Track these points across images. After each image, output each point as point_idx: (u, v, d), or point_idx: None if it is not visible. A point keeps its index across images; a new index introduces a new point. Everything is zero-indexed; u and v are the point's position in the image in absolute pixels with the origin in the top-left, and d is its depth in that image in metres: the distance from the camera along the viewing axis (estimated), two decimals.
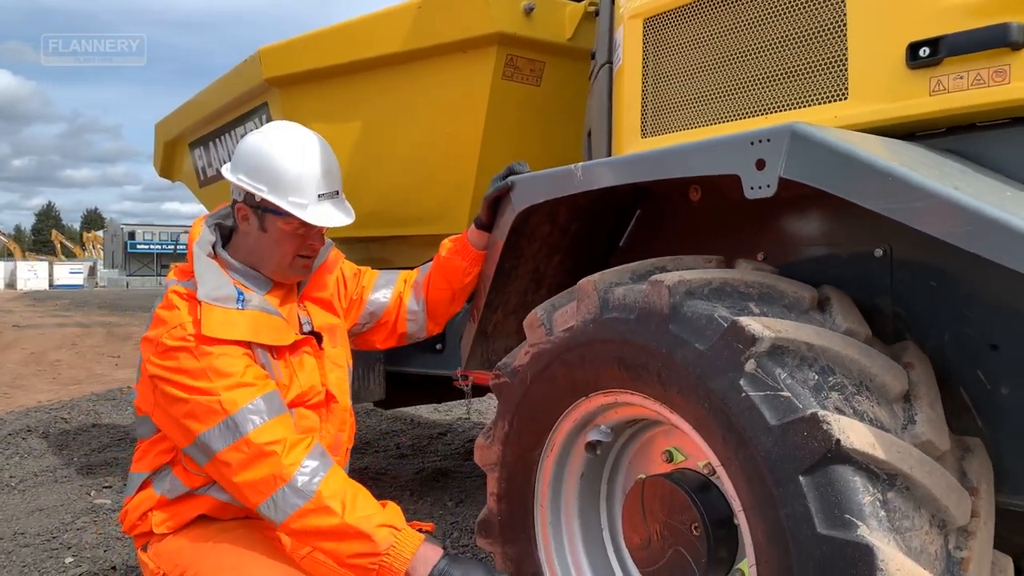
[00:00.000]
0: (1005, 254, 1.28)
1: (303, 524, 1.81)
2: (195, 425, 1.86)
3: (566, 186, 1.98)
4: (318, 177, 2.03)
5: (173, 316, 1.93)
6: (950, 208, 1.32)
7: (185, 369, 1.88)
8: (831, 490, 1.39)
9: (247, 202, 2.04)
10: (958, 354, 1.73)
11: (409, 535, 1.83)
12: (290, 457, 1.84)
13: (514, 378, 2.08)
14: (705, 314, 1.61)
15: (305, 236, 2.06)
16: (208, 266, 1.99)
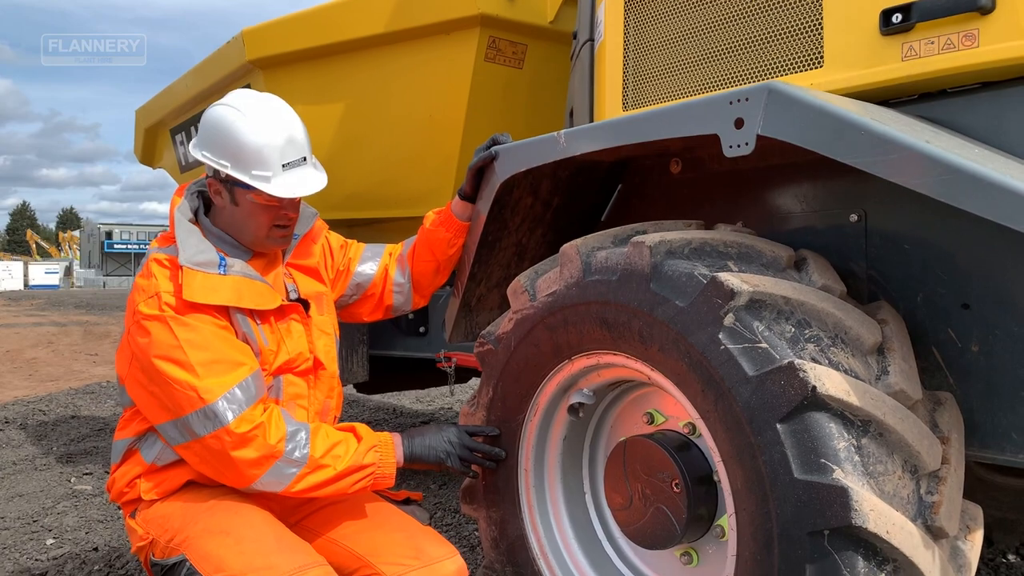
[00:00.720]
0: (977, 203, 1.33)
1: (304, 484, 1.92)
2: (175, 407, 1.89)
3: (549, 153, 2.02)
4: (280, 146, 1.98)
5: (150, 284, 1.94)
6: (924, 160, 1.36)
7: (159, 343, 1.88)
8: (807, 436, 1.44)
9: (216, 176, 2.02)
10: (931, 314, 1.78)
11: (385, 443, 2.03)
12: (274, 434, 1.89)
13: (498, 345, 2.10)
14: (685, 272, 1.65)
15: (278, 207, 2.03)
16: (189, 231, 2.00)
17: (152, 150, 5.01)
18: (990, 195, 1.30)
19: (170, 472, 2.03)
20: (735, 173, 2.16)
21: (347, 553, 2.04)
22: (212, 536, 1.91)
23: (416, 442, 2.07)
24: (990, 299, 1.70)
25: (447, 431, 2.10)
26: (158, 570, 1.98)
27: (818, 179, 1.98)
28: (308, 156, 2.05)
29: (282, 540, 1.94)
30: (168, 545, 1.95)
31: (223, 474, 1.92)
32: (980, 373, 1.70)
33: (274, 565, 1.82)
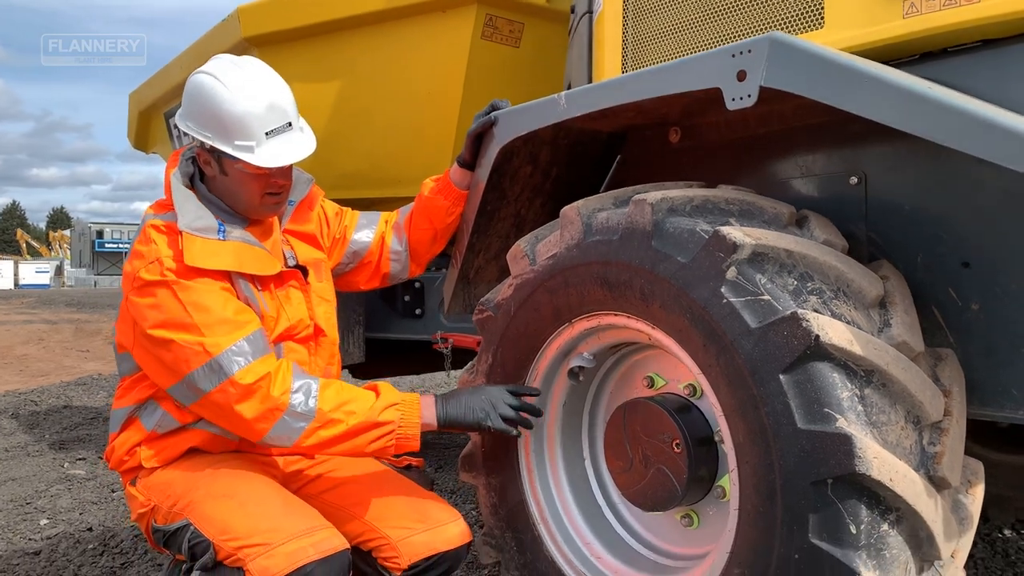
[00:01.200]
0: (981, 146, 1.33)
1: (314, 440, 1.87)
2: (180, 367, 1.86)
3: (550, 115, 2.01)
4: (262, 114, 1.92)
5: (150, 250, 1.92)
6: (927, 104, 1.37)
7: (162, 306, 1.87)
8: (810, 386, 1.43)
9: (203, 147, 1.98)
10: (931, 274, 1.78)
11: (409, 403, 1.93)
12: (278, 387, 1.85)
13: (497, 312, 2.10)
14: (687, 228, 1.65)
15: (268, 175, 1.98)
16: (186, 197, 1.98)
17: (146, 135, 4.98)
18: (993, 137, 1.30)
19: (171, 439, 2.02)
20: (734, 141, 2.15)
21: (351, 518, 2.04)
22: (216, 500, 1.90)
23: (451, 403, 1.97)
24: (990, 257, 1.70)
25: (486, 390, 2.00)
26: (160, 536, 1.97)
27: (817, 143, 1.98)
28: (293, 120, 2.00)
29: (288, 504, 1.93)
30: (171, 511, 1.94)
31: (235, 428, 1.90)
32: (980, 331, 1.70)
33: (280, 527, 1.81)
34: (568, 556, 1.99)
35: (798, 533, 1.44)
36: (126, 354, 2.05)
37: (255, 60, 2.02)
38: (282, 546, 1.77)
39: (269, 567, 1.74)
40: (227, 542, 1.81)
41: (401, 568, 2.00)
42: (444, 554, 2.03)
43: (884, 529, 1.41)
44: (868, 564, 1.39)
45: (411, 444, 1.93)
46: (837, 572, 1.39)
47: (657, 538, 2.00)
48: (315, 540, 1.81)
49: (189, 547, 1.87)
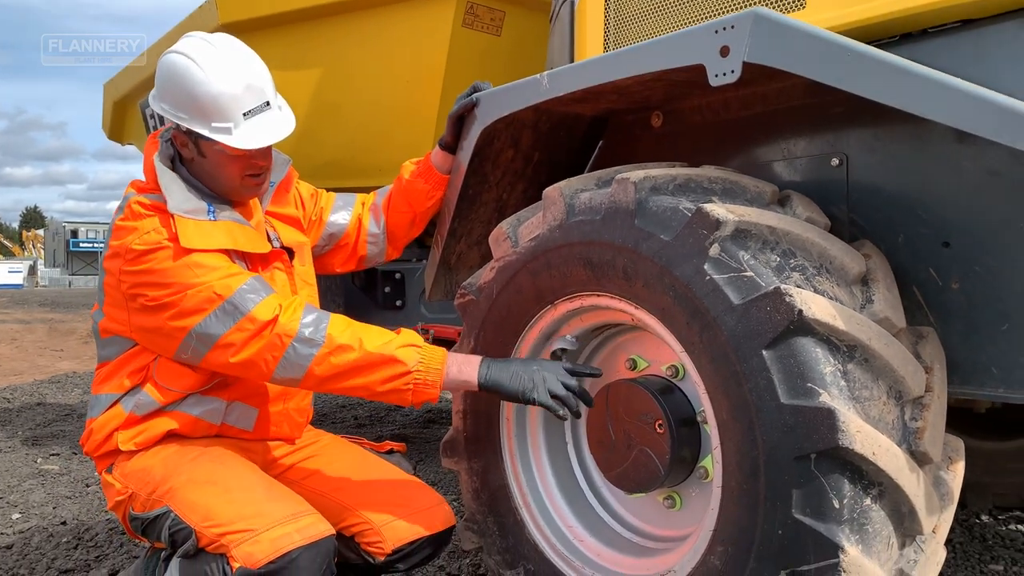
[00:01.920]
0: (964, 119, 1.34)
1: (325, 368, 1.80)
2: (188, 320, 1.82)
3: (532, 95, 2.00)
4: (239, 94, 1.87)
5: (143, 223, 1.87)
6: (910, 78, 1.37)
7: (163, 270, 1.83)
8: (794, 361, 1.43)
9: (179, 129, 1.93)
10: (911, 254, 1.79)
11: (433, 348, 1.85)
12: (287, 316, 1.82)
13: (479, 295, 2.08)
14: (670, 207, 1.64)
15: (246, 156, 1.93)
16: (172, 179, 1.94)
17: (121, 125, 4.91)
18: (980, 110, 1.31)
19: (151, 422, 1.97)
20: (716, 124, 2.15)
21: (334, 504, 2.01)
22: (198, 486, 1.86)
23: (497, 366, 1.84)
24: (970, 236, 1.70)
25: (540, 363, 1.88)
26: (138, 524, 1.93)
27: (799, 126, 1.98)
28: (271, 99, 1.96)
29: (272, 489, 1.90)
30: (150, 498, 1.90)
31: (246, 368, 1.85)
32: (960, 310, 1.71)
33: (265, 512, 1.78)
34: (551, 539, 1.98)
35: (781, 509, 1.44)
36: (112, 338, 2.00)
37: (229, 37, 1.97)
38: (267, 532, 1.74)
39: (253, 553, 1.71)
40: (209, 528, 1.77)
41: (385, 553, 1.98)
42: (428, 538, 2.01)
43: (867, 504, 1.41)
44: (851, 538, 1.39)
45: (430, 392, 1.82)
46: (820, 546, 1.39)
47: (640, 520, 2.00)
48: (300, 526, 1.78)
49: (170, 534, 1.84)
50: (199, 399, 1.99)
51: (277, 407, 2.11)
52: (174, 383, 1.95)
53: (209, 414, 2.00)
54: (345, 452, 2.21)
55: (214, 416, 2.01)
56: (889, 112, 1.78)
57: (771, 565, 1.45)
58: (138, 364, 1.98)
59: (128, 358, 1.99)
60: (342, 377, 1.82)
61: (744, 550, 1.50)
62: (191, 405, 1.98)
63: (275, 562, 1.71)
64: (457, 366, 1.85)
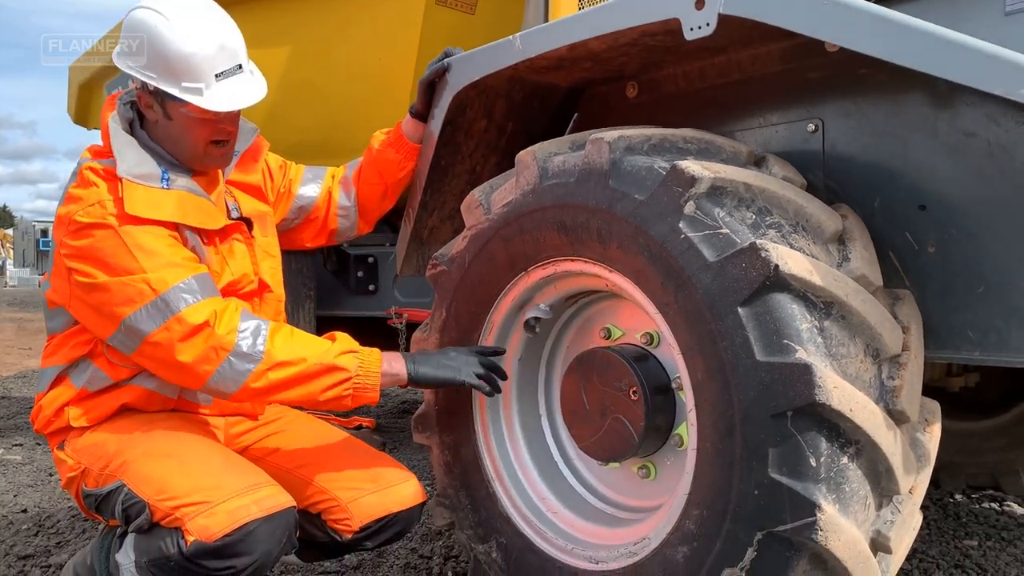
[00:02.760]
0: (946, 66, 1.32)
1: (262, 384, 1.75)
2: (121, 309, 1.74)
3: (506, 57, 1.96)
4: (212, 55, 1.81)
5: (90, 193, 1.80)
6: (895, 26, 1.35)
7: (102, 248, 1.76)
8: (770, 318, 1.41)
9: (144, 88, 1.86)
10: (888, 218, 1.77)
11: (369, 352, 1.84)
12: (223, 326, 1.74)
13: (451, 265, 2.04)
14: (644, 166, 1.61)
15: (215, 120, 1.86)
16: (127, 143, 1.86)
17: (87, 109, 4.79)
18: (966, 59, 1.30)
19: (103, 397, 1.90)
20: (692, 93, 2.12)
21: (299, 480, 1.95)
22: (153, 459, 1.79)
23: (421, 359, 1.88)
24: (946, 199, 1.69)
25: (454, 349, 1.93)
26: (91, 501, 1.86)
27: (775, 93, 1.95)
28: (244, 63, 1.89)
29: (229, 461, 1.84)
30: (103, 473, 1.83)
31: (178, 374, 1.78)
32: (936, 273, 1.69)
33: (222, 484, 1.72)
34: (524, 512, 1.94)
35: (757, 469, 1.41)
36: (58, 309, 1.93)
37: None
38: (223, 504, 1.68)
39: (209, 526, 1.65)
40: (163, 502, 1.71)
41: (352, 530, 1.92)
42: (397, 515, 1.96)
43: (844, 462, 1.39)
44: (828, 497, 1.36)
45: (369, 396, 1.82)
46: (797, 505, 1.36)
47: (614, 492, 1.96)
48: (258, 497, 1.72)
49: (123, 509, 1.76)
50: None
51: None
52: (126, 359, 1.87)
53: (165, 387, 1.92)
54: (311, 428, 2.15)
55: (170, 390, 1.94)
56: (865, 76, 1.77)
57: (747, 526, 1.42)
58: (86, 337, 1.90)
59: (76, 331, 1.91)
60: (281, 388, 1.77)
61: (720, 512, 1.47)
62: (145, 378, 1.90)
63: (231, 535, 1.65)
64: (388, 363, 1.84)
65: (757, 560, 1.42)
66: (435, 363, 1.88)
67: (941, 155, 1.69)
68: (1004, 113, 1.53)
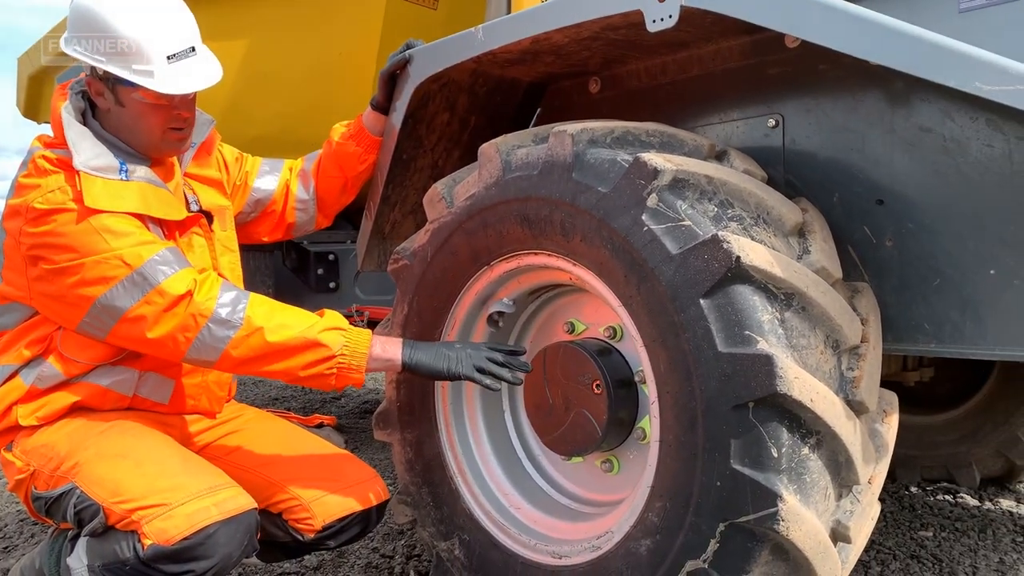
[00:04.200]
0: (906, 60, 1.34)
1: (243, 351, 1.70)
2: (92, 290, 1.69)
3: (467, 49, 1.94)
4: (162, 36, 1.75)
5: (48, 180, 1.73)
6: (847, 18, 1.36)
7: (67, 233, 1.69)
8: (731, 309, 1.41)
9: (93, 75, 1.80)
10: (846, 213, 1.79)
11: (358, 332, 1.77)
12: (203, 294, 1.71)
13: (413, 259, 2.01)
14: (607, 158, 1.61)
15: (169, 106, 1.81)
16: (81, 134, 1.80)
17: (37, 102, 4.64)
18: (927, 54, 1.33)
19: (53, 394, 1.84)
20: (654, 88, 2.13)
21: (259, 479, 1.91)
22: (106, 460, 1.73)
23: (420, 347, 1.81)
24: (903, 194, 1.71)
25: (463, 343, 1.87)
26: (41, 504, 1.79)
27: (736, 88, 1.97)
28: (197, 45, 1.84)
29: (188, 462, 1.78)
30: (53, 475, 1.77)
31: (156, 346, 1.73)
32: (894, 267, 1.72)
33: (181, 486, 1.67)
34: (487, 508, 1.92)
35: (719, 460, 1.42)
36: (11, 304, 1.85)
37: None
38: (181, 506, 1.63)
39: (167, 529, 1.61)
40: (119, 504, 1.66)
41: (315, 529, 1.89)
42: (360, 513, 1.93)
43: (804, 453, 1.40)
44: (789, 487, 1.37)
45: (354, 378, 1.75)
46: (759, 496, 1.37)
47: (577, 486, 1.96)
48: (218, 499, 1.68)
49: (75, 512, 1.71)
50: (109, 369, 1.86)
51: (195, 379, 1.99)
52: (80, 354, 1.82)
53: (120, 384, 1.87)
54: (271, 426, 2.11)
55: (125, 387, 1.88)
56: (824, 73, 1.79)
57: (710, 517, 1.43)
58: (40, 333, 1.84)
59: (29, 327, 1.84)
60: (260, 361, 1.72)
61: (682, 504, 1.47)
62: (100, 375, 1.85)
63: (190, 538, 1.61)
64: (380, 346, 1.79)
65: (720, 551, 1.42)
66: (434, 352, 1.80)
67: (898, 150, 1.71)
68: (958, 109, 1.56)
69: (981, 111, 1.52)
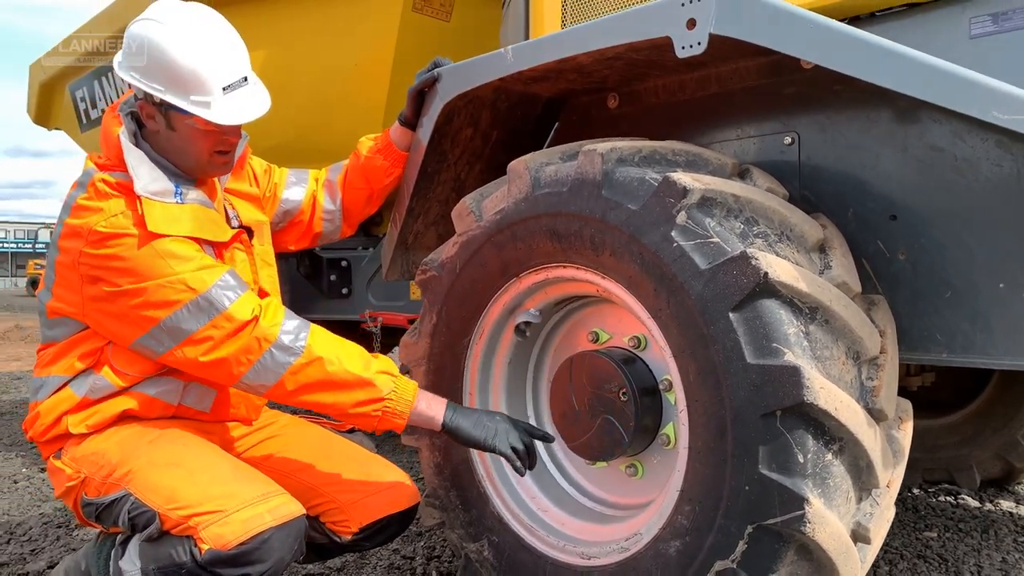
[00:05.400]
0: (921, 88, 1.41)
1: (299, 379, 1.76)
2: (156, 312, 1.75)
3: (496, 70, 2.01)
4: (219, 68, 1.82)
5: (110, 204, 1.78)
6: (866, 47, 1.44)
7: (131, 257, 1.75)
8: (759, 323, 1.48)
9: (147, 100, 1.85)
10: (861, 227, 1.87)
11: (406, 381, 1.84)
12: (268, 319, 1.77)
13: (442, 271, 2.08)
14: (636, 177, 1.68)
15: (219, 132, 1.89)
16: (140, 159, 1.85)
17: (48, 108, 4.70)
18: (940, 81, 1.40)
19: (103, 404, 1.88)
20: (672, 105, 2.20)
21: (297, 484, 1.97)
22: (159, 468, 1.79)
23: (462, 412, 1.86)
24: (915, 210, 1.79)
25: (501, 416, 1.90)
26: (92, 510, 1.84)
27: (753, 106, 2.04)
28: (248, 75, 1.91)
29: (238, 470, 1.84)
30: (106, 482, 1.82)
31: (215, 368, 1.79)
32: (907, 280, 1.80)
33: (234, 493, 1.73)
34: (515, 511, 1.99)
35: (748, 465, 1.49)
36: (62, 319, 1.90)
37: (204, 7, 1.90)
38: (237, 513, 1.69)
39: (223, 535, 1.67)
40: (174, 511, 1.71)
41: (351, 532, 1.96)
42: (393, 516, 2.00)
43: (828, 459, 1.47)
44: (815, 491, 1.45)
45: (396, 422, 1.81)
46: (786, 500, 1.44)
47: (603, 491, 2.03)
48: (271, 506, 1.74)
49: (130, 518, 1.76)
50: (155, 380, 1.92)
51: (235, 389, 2.06)
52: (130, 367, 1.88)
53: (165, 394, 1.93)
54: (306, 432, 2.17)
55: (171, 396, 1.95)
56: (839, 92, 1.87)
57: (738, 520, 1.50)
58: (89, 347, 1.89)
59: (77, 340, 1.90)
60: (314, 390, 1.79)
61: (711, 508, 1.55)
62: (147, 386, 1.91)
63: (246, 543, 1.67)
64: (426, 402, 1.85)
65: (748, 552, 1.50)
66: (474, 420, 1.85)
67: (911, 168, 1.79)
68: (969, 131, 1.64)
69: (991, 133, 1.60)
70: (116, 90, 4.03)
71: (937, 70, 1.42)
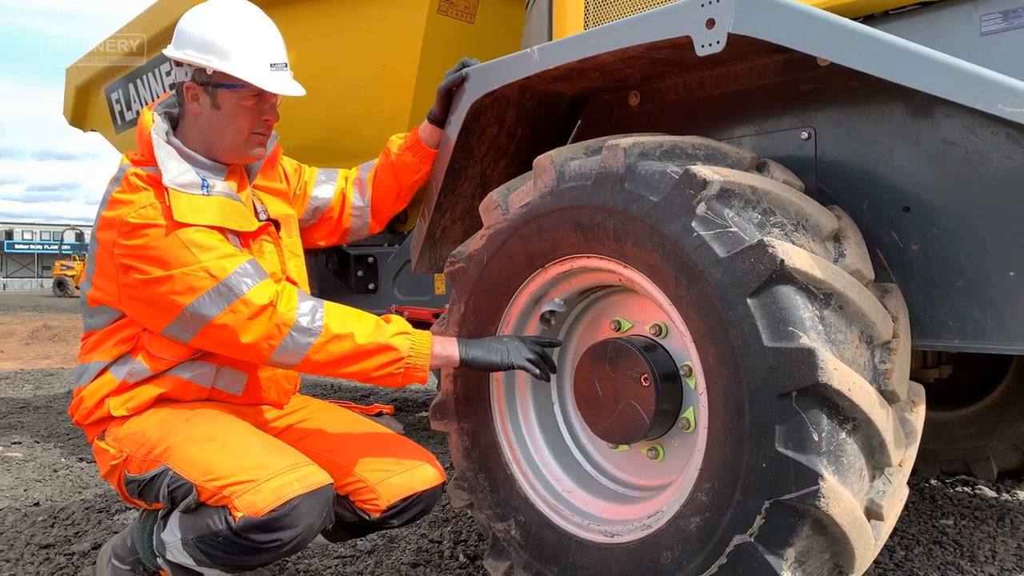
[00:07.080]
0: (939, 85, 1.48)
1: (323, 355, 1.89)
2: (181, 298, 1.87)
3: (523, 69, 2.09)
4: (268, 47, 2.02)
5: (140, 197, 1.91)
6: (882, 45, 1.50)
7: (159, 247, 1.87)
8: (776, 307, 1.56)
9: (196, 79, 2.00)
10: (874, 219, 1.94)
11: (421, 334, 1.97)
12: (284, 304, 1.88)
13: (469, 262, 2.17)
14: (658, 170, 1.76)
15: (260, 111, 2.04)
16: (169, 153, 1.98)
17: (84, 111, 4.85)
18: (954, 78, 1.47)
19: (142, 387, 2.01)
20: (691, 102, 2.28)
21: (328, 464, 2.06)
22: (195, 444, 1.91)
23: (473, 344, 2.00)
24: (928, 201, 1.86)
25: (507, 337, 2.05)
26: (135, 487, 1.97)
27: (770, 103, 2.11)
28: (288, 65, 2.08)
29: (269, 443, 1.96)
30: (146, 459, 1.94)
31: (242, 351, 1.91)
32: (920, 269, 1.86)
33: (265, 464, 1.84)
34: (541, 492, 2.08)
35: (765, 444, 1.56)
36: (101, 307, 2.03)
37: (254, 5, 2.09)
38: (267, 481, 1.80)
39: (256, 502, 1.77)
40: (210, 482, 1.83)
41: (380, 509, 2.05)
42: (421, 494, 2.09)
43: (842, 437, 1.54)
44: (829, 468, 1.52)
45: (419, 375, 1.95)
46: (801, 475, 1.51)
47: (624, 473, 2.11)
48: (300, 475, 1.84)
49: (168, 492, 1.88)
50: (189, 364, 2.04)
51: (266, 372, 2.17)
52: (165, 352, 2.00)
53: (199, 377, 2.05)
54: (335, 415, 2.27)
55: (204, 379, 2.06)
56: (854, 88, 1.93)
57: (756, 496, 1.57)
58: (127, 333, 2.02)
59: (116, 328, 2.03)
60: (339, 364, 1.91)
61: (730, 485, 1.62)
62: (182, 370, 2.03)
63: (277, 510, 1.77)
64: (440, 345, 1.98)
65: (765, 526, 1.57)
66: (486, 347, 1.99)
67: (923, 161, 1.86)
68: (980, 124, 1.70)
69: (1001, 127, 1.66)
70: (151, 93, 4.16)
71: (944, 65, 1.48)
